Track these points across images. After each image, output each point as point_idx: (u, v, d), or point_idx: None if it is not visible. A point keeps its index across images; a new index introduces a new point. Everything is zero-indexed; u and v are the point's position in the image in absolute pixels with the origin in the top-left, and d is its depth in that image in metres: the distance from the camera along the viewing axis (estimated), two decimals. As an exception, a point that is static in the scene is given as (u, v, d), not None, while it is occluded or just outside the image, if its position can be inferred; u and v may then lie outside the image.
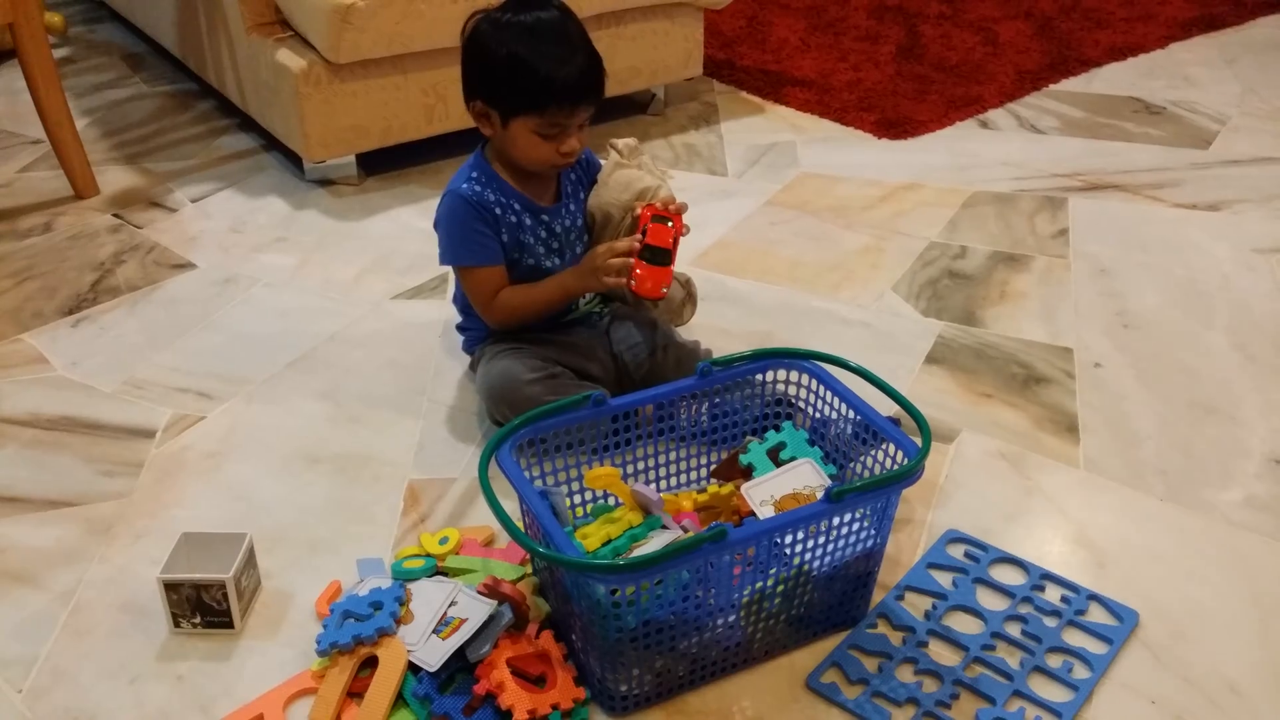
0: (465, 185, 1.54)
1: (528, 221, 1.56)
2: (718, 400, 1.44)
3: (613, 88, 2.57)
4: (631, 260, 1.46)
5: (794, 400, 1.41)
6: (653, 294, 1.45)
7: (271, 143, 2.55)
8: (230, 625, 1.27)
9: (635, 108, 2.76)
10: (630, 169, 1.60)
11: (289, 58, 2.20)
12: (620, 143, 1.62)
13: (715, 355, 1.51)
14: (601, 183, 1.60)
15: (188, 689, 1.21)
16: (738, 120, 2.72)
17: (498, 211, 1.53)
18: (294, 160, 2.43)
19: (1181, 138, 2.58)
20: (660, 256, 1.45)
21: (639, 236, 1.47)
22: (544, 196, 1.58)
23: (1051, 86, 2.89)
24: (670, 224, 1.47)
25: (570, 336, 1.60)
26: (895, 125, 2.64)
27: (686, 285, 1.74)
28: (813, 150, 2.54)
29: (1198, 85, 2.88)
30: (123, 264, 2.08)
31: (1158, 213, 2.24)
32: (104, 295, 1.98)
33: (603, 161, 1.62)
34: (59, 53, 3.05)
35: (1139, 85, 2.89)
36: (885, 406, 1.31)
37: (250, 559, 1.30)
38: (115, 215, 2.26)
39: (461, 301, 1.64)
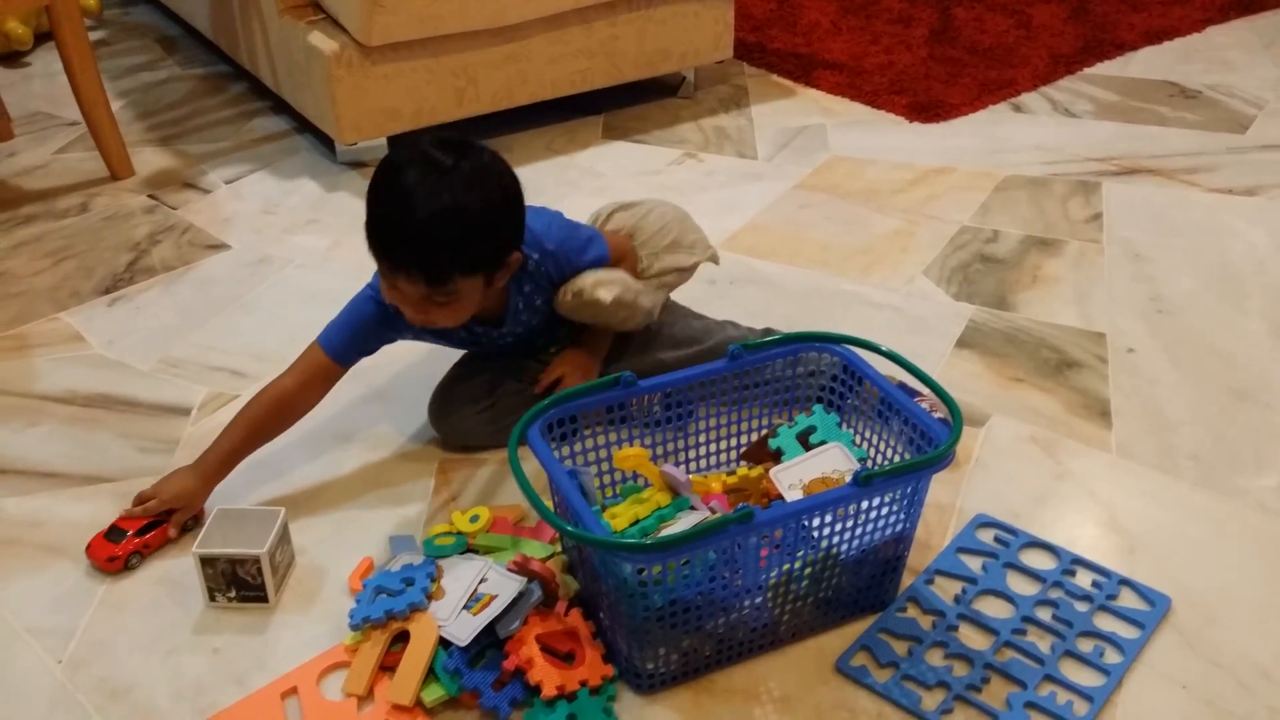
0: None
1: (449, 330, 1.45)
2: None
3: (643, 70, 2.59)
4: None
5: (843, 376, 1.40)
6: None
7: (304, 125, 2.56)
8: (265, 600, 1.28)
9: (665, 91, 2.75)
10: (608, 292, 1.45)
11: (321, 40, 2.21)
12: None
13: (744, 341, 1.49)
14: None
15: (223, 661, 1.23)
16: (768, 103, 2.71)
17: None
18: (326, 142, 2.45)
19: (1217, 122, 2.55)
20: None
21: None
22: (486, 312, 1.45)
23: (1086, 70, 2.86)
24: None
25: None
26: (927, 109, 2.62)
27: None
28: (843, 133, 2.53)
29: (1235, 69, 2.84)
30: (158, 244, 2.10)
31: (1193, 197, 2.22)
32: (139, 275, 2.00)
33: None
34: (94, 35, 3.08)
35: (1175, 69, 2.85)
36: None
37: (284, 535, 1.32)
38: (150, 196, 2.29)
39: None
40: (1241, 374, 1.68)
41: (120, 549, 1.34)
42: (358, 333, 1.43)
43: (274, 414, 1.44)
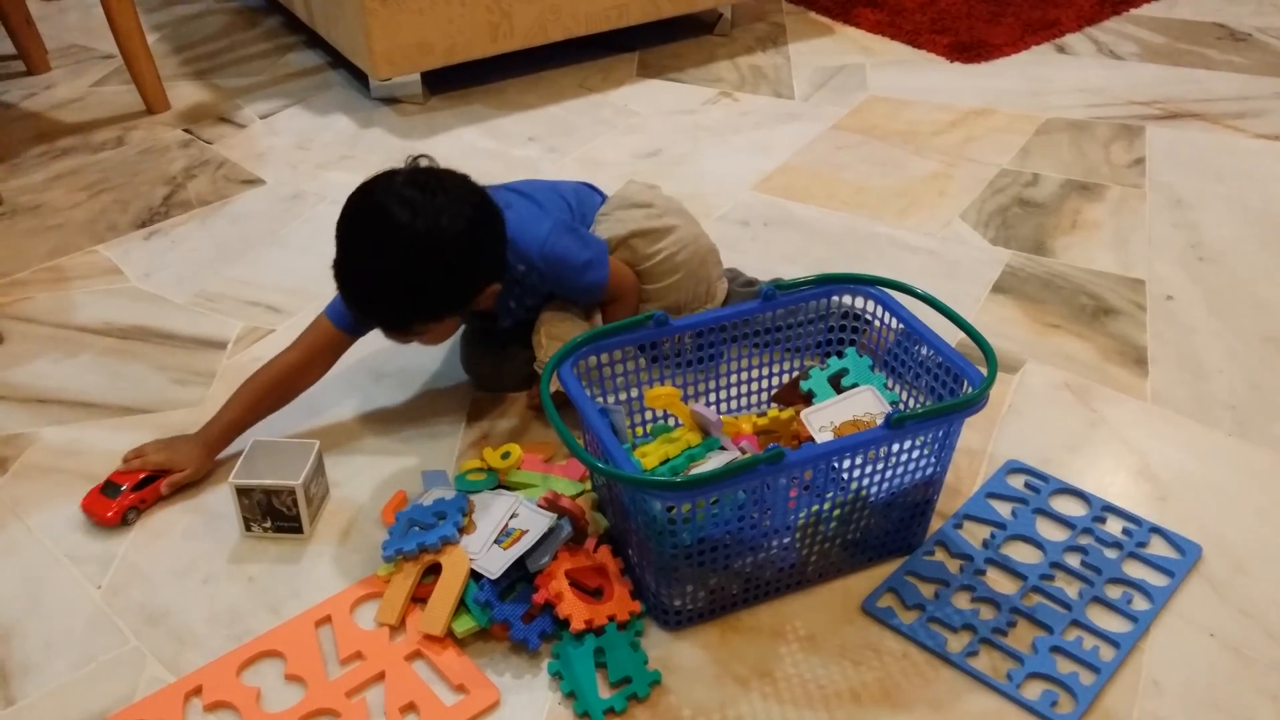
0: None
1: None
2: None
3: (679, 6, 2.55)
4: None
5: (861, 313, 1.40)
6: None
7: (338, 60, 2.55)
8: (299, 530, 1.30)
9: (702, 28, 2.71)
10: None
11: (356, -27, 2.19)
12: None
13: (777, 281, 1.48)
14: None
15: (258, 590, 1.25)
16: (806, 42, 2.67)
17: None
18: (360, 78, 2.44)
19: (1266, 66, 2.49)
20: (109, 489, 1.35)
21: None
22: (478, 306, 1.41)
23: (1132, 11, 2.80)
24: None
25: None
26: (969, 49, 2.57)
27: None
28: (882, 73, 2.49)
29: (1288, 11, 2.77)
30: (193, 178, 2.11)
31: (1238, 143, 2.17)
32: (175, 209, 2.01)
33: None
34: (129, -33, 3.07)
35: (1224, 11, 2.78)
36: (951, 334, 1.30)
37: (319, 467, 1.33)
38: (186, 130, 2.29)
39: None
40: (1282, 323, 1.66)
41: (117, 504, 1.33)
42: None
43: (277, 388, 1.41)
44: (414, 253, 1.25)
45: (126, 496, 1.34)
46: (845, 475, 1.18)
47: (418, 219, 1.24)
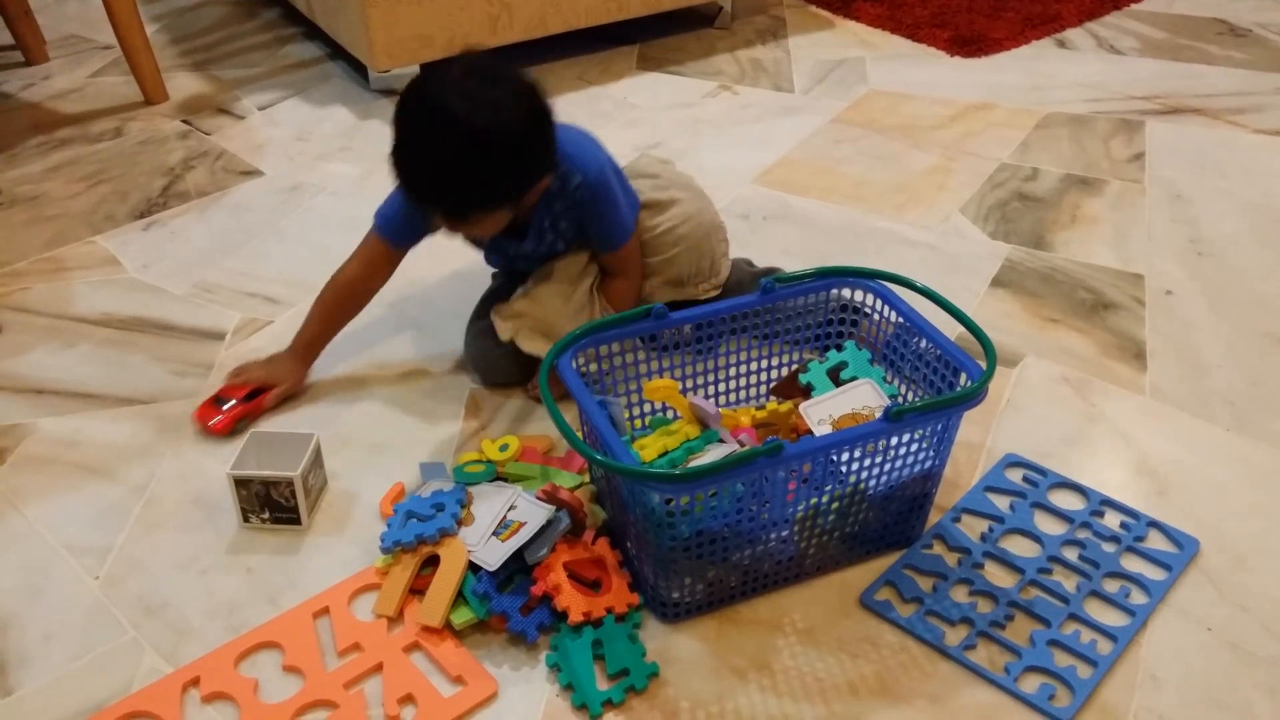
0: None
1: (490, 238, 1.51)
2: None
3: (679, 0, 2.54)
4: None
5: (860, 306, 1.40)
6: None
7: (337, 51, 2.55)
8: (298, 522, 1.30)
9: (701, 21, 2.71)
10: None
11: (355, -36, 2.19)
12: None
13: (776, 274, 1.49)
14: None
15: (257, 581, 1.25)
16: (806, 35, 2.66)
17: None
18: (359, 70, 2.43)
19: (1266, 61, 2.48)
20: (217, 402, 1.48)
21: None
22: (514, 226, 1.45)
23: (1133, 6, 2.80)
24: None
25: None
26: (969, 43, 2.57)
27: None
28: (882, 67, 2.49)
29: (1288, 6, 2.76)
30: (192, 170, 2.10)
31: (1238, 138, 2.17)
32: (174, 200, 2.01)
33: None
34: (128, -42, 3.06)
35: (1224, 6, 2.78)
36: (950, 328, 1.30)
37: (317, 459, 1.33)
38: (184, 121, 2.29)
39: None
40: (1281, 319, 1.66)
41: (228, 414, 1.45)
42: (405, 214, 1.44)
43: (347, 299, 1.51)
44: (473, 145, 1.25)
45: (236, 408, 1.46)
46: (844, 468, 1.18)
47: (476, 112, 1.24)
